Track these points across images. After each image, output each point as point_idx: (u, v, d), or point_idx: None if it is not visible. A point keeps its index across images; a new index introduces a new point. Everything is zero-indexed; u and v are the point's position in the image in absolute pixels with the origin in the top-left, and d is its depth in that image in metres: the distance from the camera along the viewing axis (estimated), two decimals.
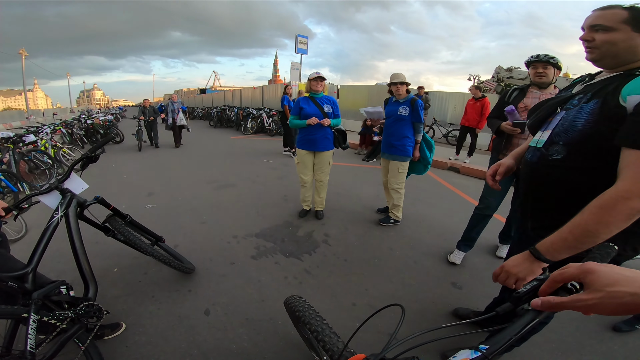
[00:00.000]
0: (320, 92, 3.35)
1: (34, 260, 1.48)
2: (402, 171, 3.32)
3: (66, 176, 1.78)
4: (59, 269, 2.58)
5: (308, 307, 1.28)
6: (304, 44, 10.99)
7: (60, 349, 1.42)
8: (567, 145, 1.09)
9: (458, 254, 2.84)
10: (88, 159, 1.83)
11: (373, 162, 6.90)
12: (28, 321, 1.33)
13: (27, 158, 5.33)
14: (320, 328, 1.16)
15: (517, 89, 2.50)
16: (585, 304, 0.52)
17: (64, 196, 1.72)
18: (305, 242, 3.13)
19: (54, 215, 1.62)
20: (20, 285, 1.40)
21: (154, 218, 3.76)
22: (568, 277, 0.57)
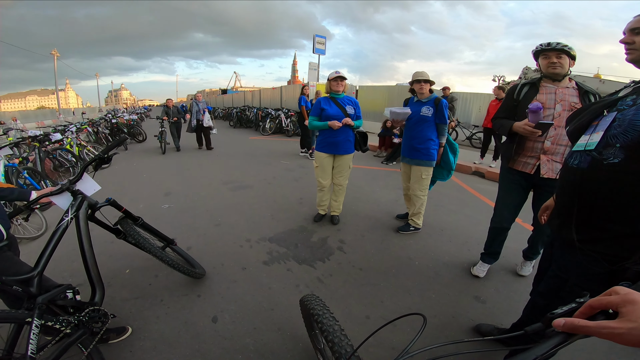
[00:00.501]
0: (342, 92, 3.22)
1: (40, 264, 1.46)
2: (426, 177, 3.13)
3: (78, 177, 1.75)
4: (73, 268, 2.59)
5: (323, 307, 1.26)
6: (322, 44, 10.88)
7: (63, 354, 1.40)
8: (626, 147, 0.99)
9: (482, 267, 2.64)
10: (101, 160, 1.79)
11: (392, 165, 6.71)
12: (31, 326, 1.30)
13: (53, 156, 5.50)
14: (331, 328, 1.13)
15: (526, 83, 2.21)
16: (611, 332, 0.50)
17: (75, 198, 1.70)
18: (319, 249, 3.01)
19: (63, 218, 1.60)
20: (25, 289, 1.38)
21: (170, 218, 3.76)
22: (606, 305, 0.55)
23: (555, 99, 2.01)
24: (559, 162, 2.06)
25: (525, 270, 2.63)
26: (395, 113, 3.14)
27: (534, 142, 2.11)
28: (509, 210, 2.40)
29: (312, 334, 1.59)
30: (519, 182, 2.26)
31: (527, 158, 2.16)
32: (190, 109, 8.52)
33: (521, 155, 2.19)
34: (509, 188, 2.35)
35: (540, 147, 2.08)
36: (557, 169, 2.03)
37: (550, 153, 2.06)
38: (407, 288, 2.45)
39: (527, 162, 2.16)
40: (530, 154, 2.14)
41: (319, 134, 3.34)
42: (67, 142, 6.26)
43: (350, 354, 1.01)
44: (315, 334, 1.55)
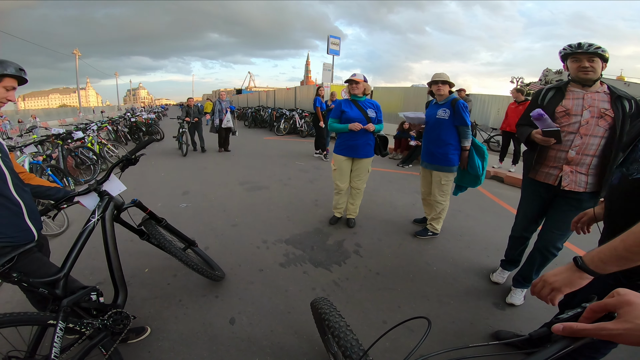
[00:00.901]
0: (362, 95, 3.16)
1: (66, 266, 1.48)
2: (446, 182, 3.04)
3: (105, 178, 1.77)
4: (94, 265, 2.64)
5: (334, 311, 1.25)
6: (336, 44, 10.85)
7: (85, 357, 1.40)
8: None
9: (502, 273, 2.56)
10: (128, 161, 1.82)
11: (409, 167, 6.62)
12: (55, 329, 1.32)
13: (75, 154, 5.64)
14: (342, 333, 1.13)
15: (552, 88, 2.03)
16: (609, 332, 0.52)
17: (101, 199, 1.72)
18: (336, 252, 2.99)
19: (90, 219, 1.61)
20: (51, 292, 1.39)
21: (188, 217, 3.81)
22: (605, 307, 0.56)
23: (582, 104, 1.85)
24: (584, 173, 1.89)
25: (516, 299, 2.30)
26: (410, 118, 3.09)
27: (557, 151, 1.95)
28: (530, 221, 2.27)
29: (325, 338, 1.58)
30: (540, 193, 2.12)
31: (550, 168, 2.01)
32: (213, 108, 8.14)
33: (543, 165, 2.05)
34: (530, 199, 2.22)
35: (563, 157, 1.93)
36: (582, 182, 1.89)
37: (574, 164, 1.90)
38: (425, 293, 2.41)
39: (550, 173, 2.01)
40: (553, 164, 1.99)
41: (338, 137, 3.29)
42: (89, 140, 6.42)
43: (361, 357, 1.01)
44: (327, 338, 1.55)
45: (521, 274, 2.32)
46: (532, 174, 2.12)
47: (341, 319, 1.21)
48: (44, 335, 1.38)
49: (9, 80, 1.37)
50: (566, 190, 1.94)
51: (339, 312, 1.26)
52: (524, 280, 2.29)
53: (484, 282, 2.56)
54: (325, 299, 1.37)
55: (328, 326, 1.20)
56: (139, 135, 10.49)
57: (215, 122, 8.05)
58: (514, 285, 2.37)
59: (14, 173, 1.45)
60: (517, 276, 2.35)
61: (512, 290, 2.37)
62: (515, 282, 2.36)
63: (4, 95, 1.38)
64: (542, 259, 2.17)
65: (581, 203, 1.93)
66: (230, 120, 7.93)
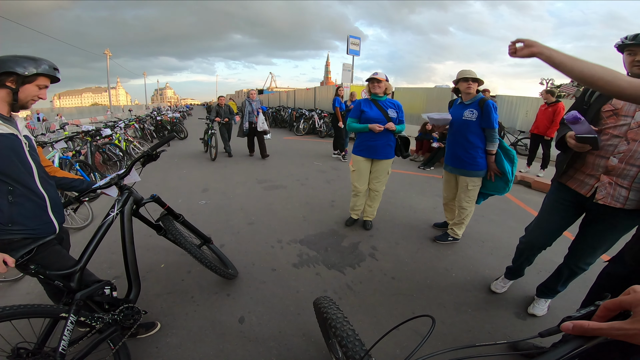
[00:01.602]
0: (383, 94, 3.06)
1: (82, 259, 1.50)
2: (473, 187, 2.85)
3: (126, 173, 1.79)
4: (112, 259, 2.70)
5: (337, 310, 1.23)
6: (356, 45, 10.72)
7: (92, 350, 1.42)
8: None
9: (502, 282, 2.41)
10: (149, 156, 1.84)
11: (430, 170, 6.43)
12: (66, 322, 1.33)
13: (102, 150, 5.87)
14: (345, 333, 1.10)
15: None
16: (624, 332, 0.48)
17: (122, 193, 1.74)
18: (350, 254, 2.93)
19: (109, 213, 1.64)
20: (66, 284, 1.41)
21: (206, 215, 3.85)
22: (620, 305, 0.52)
23: (636, 105, 1.53)
24: (626, 187, 1.58)
25: (539, 310, 2.16)
26: (434, 119, 2.90)
27: (597, 157, 1.65)
28: (544, 234, 2.01)
29: (330, 342, 1.54)
30: (568, 203, 1.86)
31: (586, 176, 1.73)
32: (242, 109, 7.27)
33: (579, 172, 1.77)
34: (553, 207, 1.95)
35: (603, 165, 1.63)
36: (621, 196, 1.60)
37: (615, 174, 1.59)
38: (442, 300, 2.31)
39: (585, 182, 1.73)
40: (590, 171, 1.70)
41: (357, 137, 3.21)
42: (116, 138, 6.66)
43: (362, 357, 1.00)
44: (332, 342, 1.50)
45: (546, 285, 2.15)
46: (563, 179, 1.86)
47: (339, 310, 1.20)
48: (55, 328, 1.40)
49: (43, 79, 1.40)
50: (599, 205, 1.66)
51: (338, 305, 1.25)
52: (550, 291, 2.13)
53: (506, 290, 2.42)
54: (327, 297, 1.34)
55: (326, 319, 1.19)
56: (164, 133, 10.78)
57: (244, 125, 7.10)
58: (538, 294, 2.21)
59: (40, 166, 1.49)
60: (542, 287, 2.19)
61: (535, 300, 2.22)
62: (539, 292, 2.20)
63: (36, 94, 1.40)
64: (570, 273, 1.98)
65: (618, 221, 1.67)
66: (264, 123, 7.09)
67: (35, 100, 1.42)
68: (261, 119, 6.99)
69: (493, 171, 2.76)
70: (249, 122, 7.08)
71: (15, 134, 1.35)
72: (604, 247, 1.81)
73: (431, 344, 1.86)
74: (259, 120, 6.97)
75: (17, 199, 1.35)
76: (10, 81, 1.31)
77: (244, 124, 7.10)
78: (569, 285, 2.10)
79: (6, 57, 1.29)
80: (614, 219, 1.67)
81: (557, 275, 2.06)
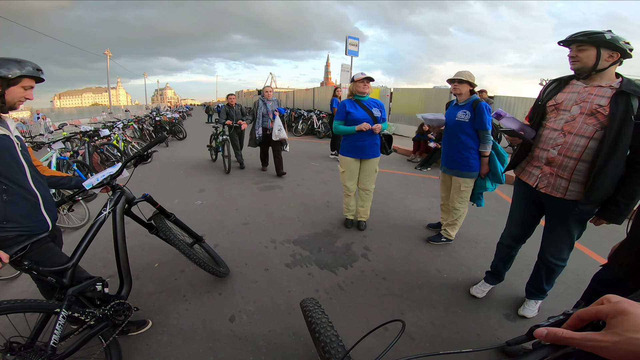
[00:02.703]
0: (367, 94, 3.10)
1: (75, 256, 1.53)
2: (466, 189, 2.87)
3: (118, 173, 1.82)
4: (107, 259, 2.72)
5: (318, 310, 1.26)
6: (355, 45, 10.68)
7: (83, 345, 1.45)
8: None
9: (483, 286, 2.41)
10: (140, 157, 1.88)
11: (427, 171, 6.44)
12: (58, 316, 1.37)
13: (100, 150, 5.89)
14: (326, 332, 1.13)
15: (556, 80, 1.85)
16: (596, 345, 0.45)
17: (114, 192, 1.77)
18: (343, 255, 2.95)
19: (102, 212, 1.67)
20: (59, 280, 1.44)
21: (202, 215, 3.88)
22: (595, 315, 0.49)
23: (575, 99, 1.67)
24: (565, 178, 1.70)
25: (529, 311, 2.17)
26: (428, 119, 2.92)
27: (541, 149, 1.80)
28: (517, 227, 2.13)
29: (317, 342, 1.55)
30: (526, 195, 1.98)
31: (533, 168, 1.88)
32: (254, 112, 5.65)
33: (528, 164, 1.92)
34: (519, 202, 2.08)
35: (545, 157, 1.77)
36: (561, 187, 1.72)
37: (555, 165, 1.73)
38: (432, 301, 2.32)
39: (532, 173, 1.88)
40: (536, 163, 1.85)
41: (344, 138, 3.23)
42: (114, 138, 6.68)
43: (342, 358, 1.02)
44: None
45: (532, 284, 2.18)
46: (517, 171, 2.01)
47: (324, 315, 1.21)
48: (47, 323, 1.44)
49: (27, 81, 1.43)
50: (551, 197, 1.79)
51: (323, 309, 1.27)
52: (537, 291, 2.15)
53: (497, 292, 2.44)
54: (313, 299, 1.37)
55: (310, 322, 1.20)
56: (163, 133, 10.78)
57: (257, 132, 5.58)
58: (527, 296, 2.23)
59: (32, 165, 1.53)
60: (529, 287, 2.21)
61: (526, 301, 2.23)
62: (528, 294, 2.22)
63: (23, 95, 1.44)
64: (547, 270, 2.03)
65: (567, 212, 1.76)
66: (282, 130, 5.46)
67: (23, 101, 1.46)
68: (277, 124, 5.41)
69: (484, 173, 2.79)
70: (263, 128, 5.59)
71: (7, 135, 1.39)
72: (563, 240, 1.87)
73: (421, 345, 1.89)
74: (274, 125, 5.41)
75: (11, 197, 1.39)
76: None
77: (256, 129, 5.58)
78: (562, 288, 2.12)
79: None
80: (562, 211, 1.78)
81: (537, 272, 2.11)
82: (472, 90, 2.76)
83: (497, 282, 2.42)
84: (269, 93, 5.62)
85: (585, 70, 1.64)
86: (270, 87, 5.73)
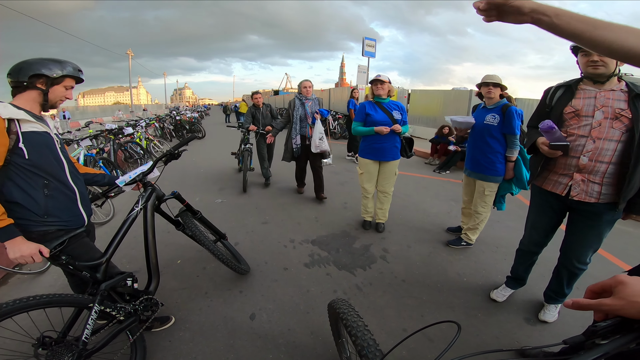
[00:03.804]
0: (386, 96, 3.10)
1: (109, 251, 1.58)
2: (489, 193, 2.81)
3: (150, 170, 1.88)
4: (132, 255, 2.81)
5: (352, 311, 1.25)
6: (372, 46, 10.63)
7: (112, 339, 1.48)
8: None
9: (503, 291, 2.37)
10: (171, 155, 1.94)
11: (446, 174, 6.35)
12: (90, 311, 1.40)
13: (124, 148, 6.09)
14: (360, 332, 1.12)
15: (562, 86, 1.83)
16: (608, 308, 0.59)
17: (145, 189, 1.82)
18: (361, 256, 2.95)
19: (134, 208, 1.72)
20: (93, 275, 1.48)
21: (222, 213, 3.96)
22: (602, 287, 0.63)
23: (594, 104, 1.65)
24: (598, 182, 1.68)
25: (549, 316, 2.14)
26: (457, 122, 2.91)
27: (568, 157, 1.75)
28: (539, 234, 2.09)
29: (339, 342, 1.56)
30: (551, 203, 1.93)
31: (559, 176, 1.82)
32: (290, 113, 4.21)
33: (552, 173, 1.85)
34: (539, 209, 2.04)
35: (574, 164, 1.72)
36: (594, 192, 1.70)
37: (586, 171, 1.69)
38: (452, 304, 2.31)
39: (559, 182, 1.82)
40: (562, 171, 1.80)
41: (363, 140, 3.24)
42: (137, 136, 6.89)
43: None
44: (342, 342, 1.53)
45: (551, 289, 2.15)
46: (539, 182, 1.95)
47: (359, 318, 1.20)
48: (78, 318, 1.47)
49: (69, 80, 1.50)
50: (578, 202, 1.75)
51: (358, 312, 1.25)
52: (557, 295, 2.12)
53: (518, 296, 2.39)
54: (345, 300, 1.36)
55: (345, 325, 1.19)
56: (183, 132, 11.04)
57: (294, 141, 4.17)
58: (546, 300, 2.20)
59: (70, 162, 1.59)
60: (548, 291, 2.18)
61: (545, 306, 2.20)
62: (547, 298, 2.19)
63: (64, 94, 1.51)
64: (569, 274, 2.00)
65: (599, 216, 1.74)
66: (324, 138, 4.02)
67: (63, 100, 1.53)
68: (318, 130, 3.97)
69: (509, 178, 2.74)
70: (301, 136, 4.18)
71: (48, 132, 1.46)
72: (592, 244, 1.85)
73: (439, 347, 1.87)
74: (314, 133, 3.99)
75: (52, 192, 1.45)
76: (40, 83, 1.41)
77: (292, 138, 4.16)
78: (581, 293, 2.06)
79: (33, 60, 1.39)
80: (594, 213, 1.75)
81: (557, 277, 2.08)
82: (502, 94, 2.71)
83: (519, 286, 2.38)
84: (308, 89, 4.13)
85: (606, 75, 1.64)
86: (309, 82, 4.20)
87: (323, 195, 4.43)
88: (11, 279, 2.60)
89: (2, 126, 1.29)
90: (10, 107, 1.33)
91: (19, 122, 1.33)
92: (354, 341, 1.11)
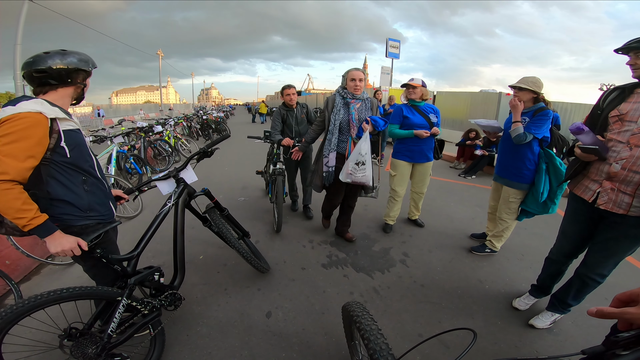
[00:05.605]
0: (420, 100, 3.11)
1: (140, 245, 1.61)
2: (514, 200, 2.70)
3: (183, 167, 1.95)
4: (157, 249, 2.90)
5: (367, 314, 1.24)
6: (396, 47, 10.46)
7: (136, 333, 1.51)
8: None
9: (526, 299, 2.29)
10: (204, 153, 1.99)
11: (472, 178, 6.15)
12: (118, 304, 1.43)
13: (154, 145, 6.33)
14: (373, 336, 1.11)
15: (618, 88, 1.69)
16: (631, 316, 0.59)
17: (178, 185, 1.88)
18: (380, 259, 2.92)
19: (166, 203, 1.76)
20: (124, 269, 1.53)
21: (244, 211, 4.04)
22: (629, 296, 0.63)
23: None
24: (629, 193, 1.56)
25: (540, 322, 2.09)
26: (482, 125, 2.87)
27: (601, 162, 1.66)
28: (570, 243, 1.99)
29: (352, 344, 1.56)
30: (581, 210, 1.84)
31: (590, 182, 1.73)
32: (324, 115, 2.84)
33: (585, 178, 1.77)
34: (572, 216, 1.95)
35: (606, 171, 1.63)
36: (624, 203, 1.58)
37: (617, 180, 1.58)
38: (471, 311, 2.25)
39: (589, 187, 1.74)
40: (594, 176, 1.71)
41: (399, 142, 3.25)
42: (166, 134, 7.15)
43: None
44: (354, 344, 1.52)
45: (557, 296, 2.07)
46: (571, 185, 1.88)
47: (373, 322, 1.19)
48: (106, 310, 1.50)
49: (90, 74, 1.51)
50: (608, 212, 1.65)
51: (372, 316, 1.24)
52: (560, 304, 2.04)
53: (541, 305, 2.28)
54: (359, 303, 1.35)
55: (358, 328, 1.19)
56: (209, 131, 11.33)
57: (327, 160, 2.79)
58: (548, 307, 2.14)
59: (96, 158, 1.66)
60: (554, 299, 2.09)
61: (543, 312, 2.14)
62: (549, 305, 2.12)
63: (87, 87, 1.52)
64: (580, 283, 1.90)
65: (626, 230, 1.62)
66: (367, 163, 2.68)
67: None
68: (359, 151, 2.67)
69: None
70: (337, 154, 2.83)
71: (80, 129, 1.46)
72: (614, 257, 1.74)
73: (455, 353, 1.83)
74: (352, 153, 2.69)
75: (90, 187, 1.46)
76: (81, 78, 1.44)
77: (324, 156, 2.81)
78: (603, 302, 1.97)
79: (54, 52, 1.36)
80: (622, 226, 1.63)
81: (568, 285, 1.99)
82: (537, 98, 2.51)
83: (543, 296, 2.28)
84: (358, 85, 2.68)
85: None
86: (360, 72, 2.74)
87: (349, 234, 3.27)
88: (43, 269, 2.74)
89: (47, 127, 1.26)
90: (46, 104, 1.28)
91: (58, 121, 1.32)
92: (366, 344, 1.11)
